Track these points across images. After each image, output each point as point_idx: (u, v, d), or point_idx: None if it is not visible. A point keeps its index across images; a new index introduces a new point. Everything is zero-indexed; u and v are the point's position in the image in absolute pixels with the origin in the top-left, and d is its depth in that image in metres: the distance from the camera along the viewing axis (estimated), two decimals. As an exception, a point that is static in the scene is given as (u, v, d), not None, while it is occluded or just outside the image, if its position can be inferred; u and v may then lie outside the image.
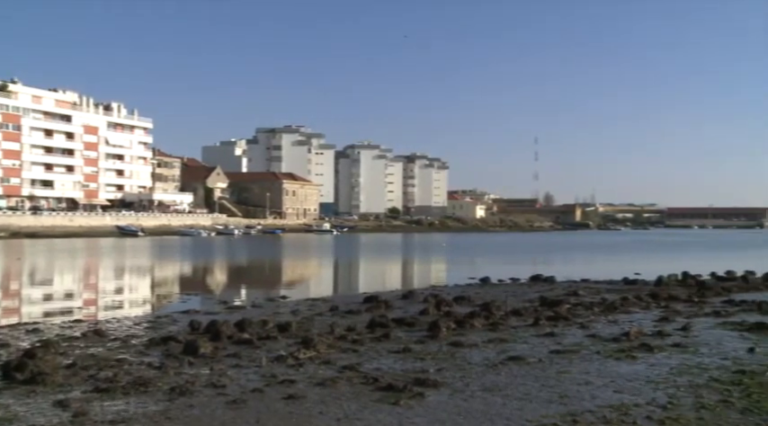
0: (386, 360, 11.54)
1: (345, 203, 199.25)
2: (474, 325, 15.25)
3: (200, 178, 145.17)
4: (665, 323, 15.92)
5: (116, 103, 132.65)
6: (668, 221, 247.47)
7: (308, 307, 20.35)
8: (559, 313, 17.16)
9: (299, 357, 11.61)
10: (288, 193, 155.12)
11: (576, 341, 13.30)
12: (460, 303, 20.44)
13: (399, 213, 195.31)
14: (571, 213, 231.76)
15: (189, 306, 21.48)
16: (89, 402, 8.75)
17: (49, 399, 8.91)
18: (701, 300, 21.00)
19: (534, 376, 10.26)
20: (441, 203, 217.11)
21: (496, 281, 30.00)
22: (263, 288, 31.12)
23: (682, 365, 10.99)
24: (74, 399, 8.85)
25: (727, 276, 31.09)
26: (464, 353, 12.12)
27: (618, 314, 17.74)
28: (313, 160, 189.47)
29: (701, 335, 14.04)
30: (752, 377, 9.97)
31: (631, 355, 11.77)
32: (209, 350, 12.19)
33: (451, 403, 8.75)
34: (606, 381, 9.87)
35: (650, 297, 21.36)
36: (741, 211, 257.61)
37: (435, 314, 17.60)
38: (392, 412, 8.34)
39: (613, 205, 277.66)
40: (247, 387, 9.53)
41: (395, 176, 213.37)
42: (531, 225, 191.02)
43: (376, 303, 20.22)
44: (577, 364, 11.12)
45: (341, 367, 10.89)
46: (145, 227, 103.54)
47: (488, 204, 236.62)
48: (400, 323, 15.86)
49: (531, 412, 8.26)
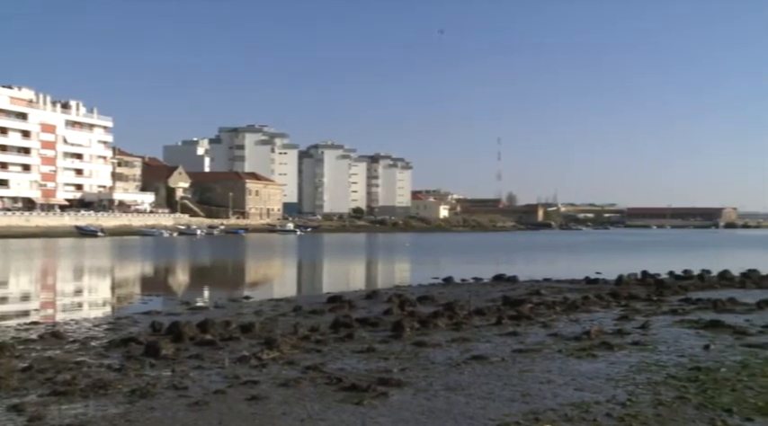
0: (349, 360, 11.53)
1: (309, 203, 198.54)
2: (437, 325, 15.32)
3: (162, 178, 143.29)
4: (625, 321, 16.19)
5: (74, 101, 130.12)
6: (628, 221, 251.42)
7: (272, 308, 20.24)
8: (522, 312, 17.33)
9: (262, 357, 11.54)
10: (251, 193, 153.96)
11: (539, 340, 13.44)
12: (424, 303, 20.51)
13: (363, 213, 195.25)
14: (533, 213, 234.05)
15: (150, 307, 21.19)
16: (46, 405, 8.57)
17: (4, 404, 8.71)
18: (659, 299, 21.40)
19: (497, 375, 10.35)
20: (404, 203, 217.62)
21: (460, 281, 30.18)
22: (225, 289, 30.85)
23: (641, 363, 11.18)
24: (30, 403, 8.67)
25: (684, 275, 31.75)
26: (427, 353, 12.17)
27: (579, 313, 17.98)
28: (276, 160, 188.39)
29: (659, 333, 14.30)
30: (707, 374, 10.19)
31: (592, 353, 11.94)
32: (170, 352, 12.05)
33: (415, 402, 8.78)
34: (568, 379, 9.99)
35: (611, 296, 21.69)
36: (698, 211, 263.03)
37: (399, 313, 17.64)
38: (356, 412, 8.33)
39: (575, 205, 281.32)
40: (210, 389, 9.44)
41: (359, 176, 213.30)
42: (494, 225, 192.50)
43: (340, 303, 20.21)
44: (539, 363, 11.24)
45: (304, 367, 10.85)
46: (105, 228, 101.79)
47: (452, 204, 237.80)
48: (364, 323, 15.87)
49: (493, 411, 8.32)
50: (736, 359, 11.45)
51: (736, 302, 19.95)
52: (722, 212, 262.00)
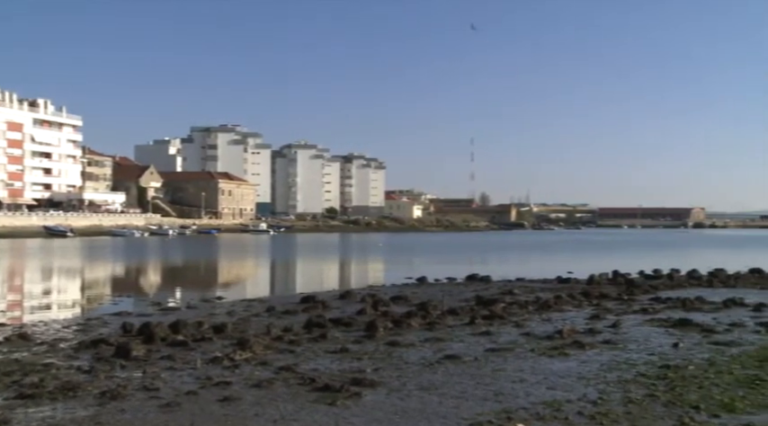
0: (323, 361, 11.51)
1: (282, 203, 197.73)
2: (411, 325, 15.34)
3: (133, 177, 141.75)
4: (597, 320, 16.35)
5: (42, 100, 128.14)
6: (600, 221, 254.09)
7: (245, 308, 20.12)
8: (495, 312, 17.42)
9: (234, 358, 11.46)
10: (224, 193, 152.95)
11: (511, 340, 13.53)
12: (398, 303, 20.54)
13: (337, 213, 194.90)
14: (506, 213, 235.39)
15: (121, 308, 20.94)
16: (12, 409, 8.43)
17: (-29, 406, 8.55)
18: (630, 298, 21.65)
19: (470, 374, 10.39)
20: (378, 203, 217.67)
21: (433, 281, 30.26)
22: (198, 289, 30.61)
23: (611, 361, 11.30)
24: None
25: (654, 274, 32.17)
26: (401, 353, 12.19)
27: (551, 312, 18.12)
28: (249, 160, 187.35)
29: (629, 332, 14.48)
30: (676, 372, 10.33)
31: (564, 352, 12.04)
32: (141, 353, 11.93)
33: (388, 402, 8.79)
34: (540, 378, 10.07)
35: (582, 295, 21.89)
36: (667, 211, 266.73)
37: (372, 313, 17.64)
38: (329, 412, 8.32)
39: (547, 205, 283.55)
40: (182, 390, 9.36)
41: (332, 176, 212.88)
42: (467, 224, 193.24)
43: (313, 303, 20.15)
44: (512, 362, 11.32)
45: (277, 368, 10.80)
46: (74, 228, 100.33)
47: (425, 204, 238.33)
48: (337, 323, 15.84)
49: (466, 411, 8.36)
50: (704, 356, 11.63)
51: (704, 301, 20.27)
52: (691, 212, 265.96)
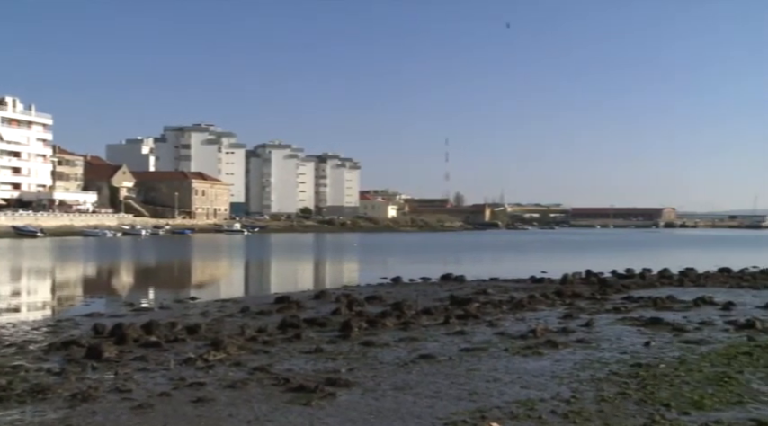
0: (297, 361, 11.48)
1: (256, 203, 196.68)
2: (385, 325, 15.36)
3: (105, 177, 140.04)
4: (570, 319, 16.50)
5: (11, 98, 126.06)
6: (573, 221, 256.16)
7: (218, 309, 19.99)
8: (469, 311, 17.50)
9: (208, 359, 11.39)
10: (197, 193, 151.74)
11: (485, 339, 13.60)
12: (372, 302, 20.54)
13: (311, 213, 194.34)
14: (481, 213, 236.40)
15: (93, 309, 20.67)
16: (-18, 411, 8.30)
17: (-62, 410, 8.40)
18: (602, 297, 21.89)
19: (444, 374, 10.43)
20: (353, 203, 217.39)
21: (408, 281, 30.29)
22: (171, 290, 30.34)
23: (584, 360, 11.41)
24: (-35, 409, 8.38)
25: (626, 274, 32.54)
26: (376, 352, 12.19)
27: (525, 311, 18.25)
28: (223, 159, 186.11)
29: (602, 331, 14.63)
30: (647, 370, 10.46)
31: (538, 351, 12.13)
32: (113, 354, 11.80)
33: (363, 402, 8.79)
34: (514, 377, 10.13)
35: (556, 294, 22.07)
36: (639, 211, 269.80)
37: (347, 314, 17.62)
38: (303, 412, 8.30)
39: (521, 205, 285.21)
40: (154, 391, 9.28)
41: (306, 176, 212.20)
42: (441, 224, 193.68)
43: (287, 303, 20.08)
44: (486, 361, 11.37)
45: (252, 368, 10.75)
46: (45, 228, 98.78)
47: (400, 204, 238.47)
48: (312, 323, 15.81)
49: (441, 410, 8.38)
50: (675, 355, 11.79)
51: (675, 300, 20.55)
52: (662, 212, 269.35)
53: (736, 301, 20.12)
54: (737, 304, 19.61)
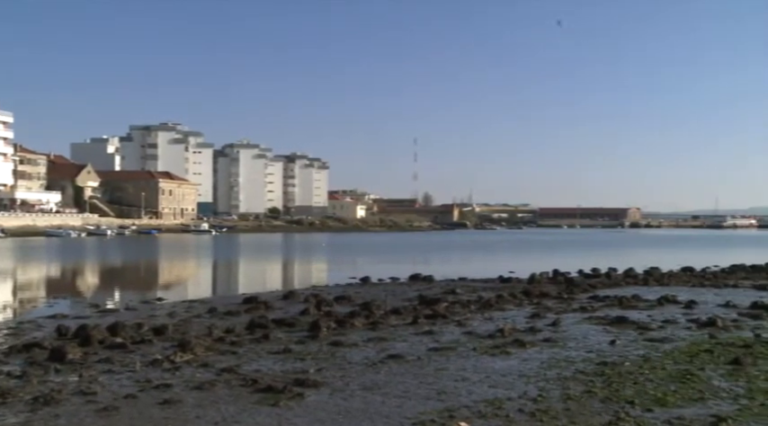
0: (265, 361, 11.42)
1: (224, 203, 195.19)
2: (354, 325, 15.35)
3: (69, 176, 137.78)
4: (537, 319, 16.65)
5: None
6: (540, 221, 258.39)
7: (186, 309, 19.80)
8: (438, 311, 17.56)
9: (175, 360, 11.27)
10: (164, 193, 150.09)
11: (454, 339, 13.66)
12: (341, 303, 20.52)
13: (280, 213, 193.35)
14: (449, 213, 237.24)
15: (56, 311, 20.30)
16: (-59, 416, 8.11)
17: None
18: (569, 297, 22.11)
19: (413, 373, 10.45)
20: (321, 203, 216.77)
21: (377, 281, 30.31)
22: (137, 291, 29.95)
23: (551, 359, 11.52)
24: (-77, 413, 8.18)
25: (592, 273, 32.93)
26: (344, 353, 12.18)
27: (493, 311, 18.37)
28: (191, 159, 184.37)
29: (569, 330, 14.78)
30: (613, 368, 10.60)
31: (505, 351, 12.22)
32: (78, 356, 11.62)
33: (331, 402, 8.77)
34: (482, 377, 10.20)
35: (523, 294, 22.24)
36: (605, 212, 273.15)
37: (316, 314, 17.58)
38: (271, 413, 8.26)
39: (489, 205, 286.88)
40: (120, 393, 9.16)
41: (275, 176, 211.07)
42: (410, 224, 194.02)
43: (256, 304, 19.97)
44: (454, 361, 11.42)
45: (219, 369, 10.67)
46: (6, 228, 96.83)
47: (369, 204, 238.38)
48: (280, 323, 15.74)
49: (409, 410, 8.40)
50: (639, 353, 11.97)
51: (640, 299, 20.87)
52: (627, 212, 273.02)
53: (698, 300, 20.50)
54: (699, 302, 19.96)
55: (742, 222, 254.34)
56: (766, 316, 16.79)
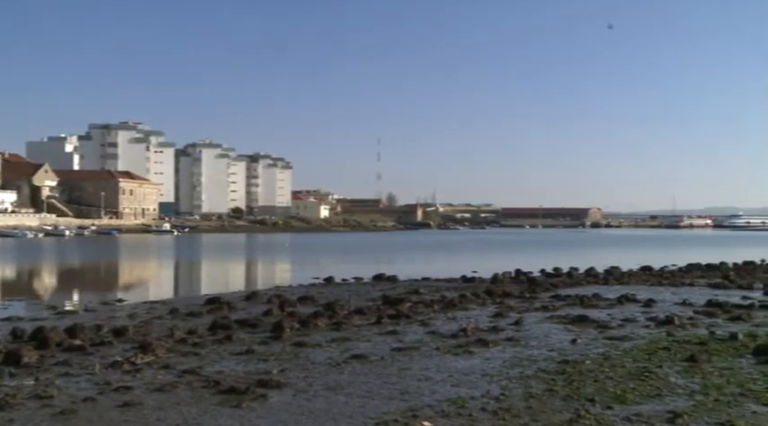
0: (228, 363, 11.32)
1: (187, 203, 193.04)
2: (318, 325, 15.31)
3: (25, 175, 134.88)
4: (500, 318, 16.78)
5: None
6: (503, 221, 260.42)
7: (147, 311, 19.55)
8: (401, 311, 17.60)
9: (135, 362, 11.11)
10: (125, 192, 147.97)
11: (417, 339, 13.70)
12: (304, 303, 20.45)
13: (243, 213, 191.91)
14: (413, 213, 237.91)
15: (11, 313, 19.83)
16: None
17: None
18: (531, 296, 22.34)
19: (376, 373, 10.46)
20: (285, 203, 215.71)
21: (340, 281, 30.28)
22: (97, 292, 29.46)
23: (514, 358, 11.63)
24: None
25: (554, 273, 33.34)
26: (307, 353, 12.14)
27: (456, 310, 18.47)
28: (152, 158, 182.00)
29: (531, 329, 14.93)
30: (574, 367, 10.74)
31: (468, 350, 12.29)
32: (34, 359, 11.38)
33: (294, 403, 8.74)
34: (445, 376, 10.24)
35: (486, 293, 22.41)
36: (567, 212, 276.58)
37: (279, 314, 17.49)
38: (234, 415, 8.19)
39: (452, 205, 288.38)
40: (78, 397, 8.99)
41: (238, 175, 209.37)
42: (374, 224, 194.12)
43: (218, 304, 19.81)
44: (418, 361, 11.46)
45: (181, 371, 10.55)
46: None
47: (332, 204, 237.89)
48: (243, 324, 15.63)
49: (372, 410, 8.41)
50: (599, 351, 12.15)
51: (600, 298, 21.19)
52: (588, 212, 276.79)
53: (656, 298, 20.89)
54: (658, 301, 20.34)
55: (698, 222, 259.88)
56: (720, 314, 17.16)
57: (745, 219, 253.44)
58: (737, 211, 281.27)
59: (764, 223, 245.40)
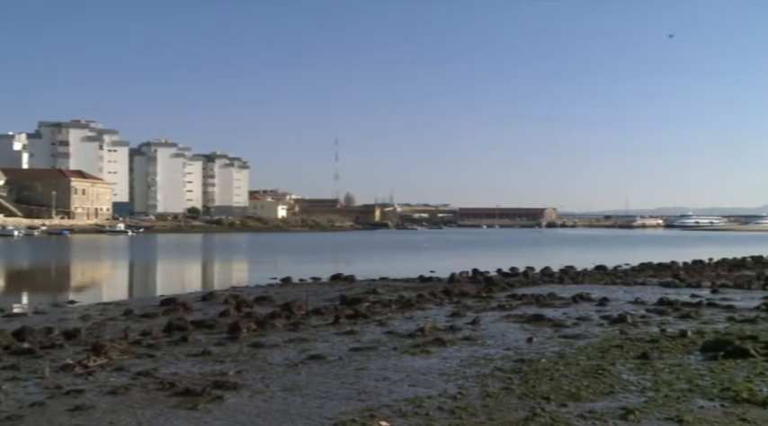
0: (184, 364, 11.18)
1: (141, 203, 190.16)
2: (275, 326, 15.21)
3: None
4: (457, 317, 16.88)
5: None
6: (461, 221, 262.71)
7: (100, 312, 19.18)
8: (359, 311, 17.59)
9: (88, 365, 10.88)
10: (77, 192, 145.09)
11: (375, 338, 13.70)
12: (262, 303, 20.31)
13: (199, 213, 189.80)
14: (371, 213, 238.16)
15: (-42, 316, 19.30)
16: None
17: None
18: (488, 295, 22.51)
19: (334, 374, 10.43)
20: (242, 203, 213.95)
21: (298, 281, 30.13)
22: (47, 294, 28.77)
23: (471, 357, 11.71)
24: None
25: (511, 272, 33.70)
26: (265, 354, 12.05)
27: (414, 310, 18.52)
28: (105, 157, 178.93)
29: (488, 328, 15.05)
30: (530, 365, 10.86)
31: (426, 350, 12.33)
32: (-19, 364, 11.06)
33: (251, 404, 8.66)
34: (402, 376, 10.26)
35: (443, 293, 22.52)
36: (523, 211, 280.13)
37: (236, 315, 17.34)
38: (189, 417, 8.09)
39: (410, 205, 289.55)
40: (26, 401, 8.76)
41: (194, 175, 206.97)
42: (332, 224, 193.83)
43: (174, 305, 19.55)
44: (375, 360, 11.46)
45: (135, 373, 10.38)
46: None
47: (290, 204, 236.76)
48: (200, 325, 15.45)
49: (330, 410, 8.38)
50: (555, 349, 12.30)
51: (556, 297, 21.47)
52: (544, 212, 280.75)
53: (610, 297, 21.23)
54: (611, 299, 20.69)
55: (650, 222, 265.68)
56: (671, 312, 17.55)
57: (694, 219, 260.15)
58: (687, 211, 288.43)
59: (712, 223, 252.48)
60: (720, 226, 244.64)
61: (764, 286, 25.43)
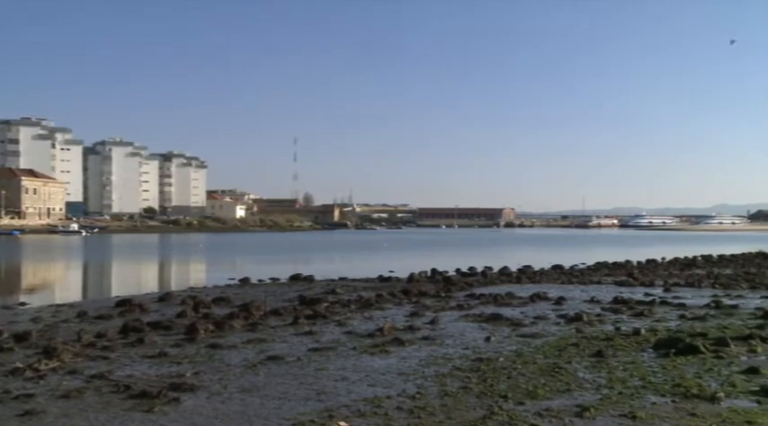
0: (140, 366, 11.01)
1: (96, 203, 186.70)
2: (233, 326, 15.07)
3: None
4: (416, 317, 16.94)
5: None
6: (420, 221, 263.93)
7: (52, 314, 18.76)
8: (318, 311, 17.54)
9: (39, 368, 10.64)
10: (28, 191, 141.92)
11: (334, 339, 13.68)
12: (219, 304, 20.12)
13: (156, 213, 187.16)
14: (330, 213, 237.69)
15: None
16: None
17: None
18: (447, 295, 22.64)
19: (293, 374, 10.39)
20: (199, 203, 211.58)
21: (256, 281, 29.92)
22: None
23: (429, 357, 11.76)
24: None
25: (469, 272, 33.96)
26: (222, 355, 11.94)
27: (373, 310, 18.53)
28: (58, 156, 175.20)
29: (446, 328, 15.14)
30: (488, 364, 10.96)
31: (385, 349, 12.35)
32: (-73, 368, 10.73)
33: (209, 406, 8.57)
34: (361, 376, 10.26)
35: (402, 293, 22.59)
36: (482, 212, 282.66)
37: (193, 316, 17.14)
38: (145, 420, 7.97)
39: (369, 205, 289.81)
40: (-26, 407, 8.53)
41: (150, 175, 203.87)
42: (291, 224, 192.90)
43: (130, 306, 19.25)
44: (334, 361, 11.44)
45: (89, 376, 10.18)
46: None
47: (248, 204, 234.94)
48: (156, 326, 15.23)
49: (288, 411, 8.34)
50: (512, 348, 12.44)
51: (513, 296, 21.69)
52: (502, 212, 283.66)
53: (566, 296, 21.55)
54: (568, 298, 20.99)
55: (605, 222, 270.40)
56: (625, 311, 17.88)
57: (648, 219, 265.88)
58: (641, 212, 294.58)
59: (665, 223, 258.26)
60: (673, 225, 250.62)
61: (714, 284, 26.08)
